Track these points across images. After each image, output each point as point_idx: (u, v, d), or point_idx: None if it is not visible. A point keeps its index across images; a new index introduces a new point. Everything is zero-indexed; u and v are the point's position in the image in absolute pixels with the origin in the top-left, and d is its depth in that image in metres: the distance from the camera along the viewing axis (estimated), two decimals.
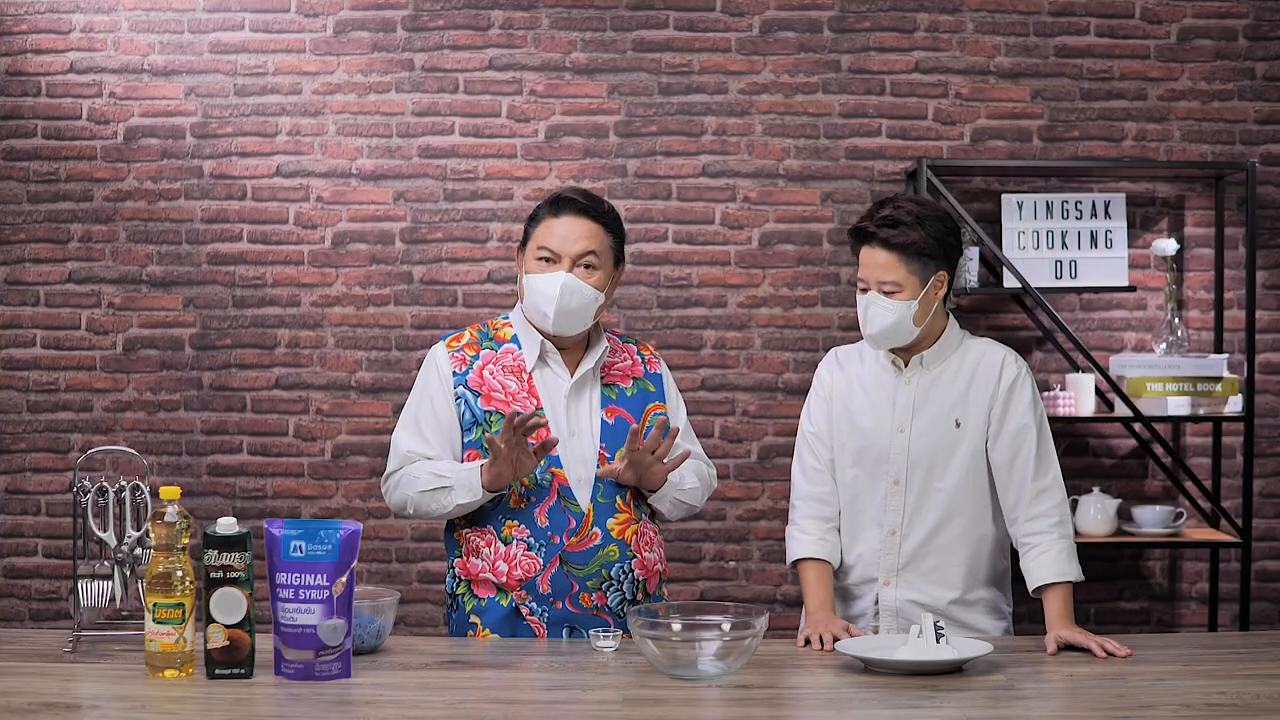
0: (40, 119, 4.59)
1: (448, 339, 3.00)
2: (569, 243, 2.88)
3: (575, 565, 2.84)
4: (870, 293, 2.84)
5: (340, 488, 4.61)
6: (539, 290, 2.87)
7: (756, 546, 4.61)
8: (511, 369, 2.93)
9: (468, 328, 3.04)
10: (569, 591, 2.84)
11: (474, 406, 2.90)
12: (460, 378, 2.92)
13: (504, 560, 2.86)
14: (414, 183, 4.59)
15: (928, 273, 2.83)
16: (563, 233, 2.88)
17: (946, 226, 2.85)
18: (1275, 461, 4.65)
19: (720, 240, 4.61)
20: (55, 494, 4.61)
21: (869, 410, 2.93)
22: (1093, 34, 4.60)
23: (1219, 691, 2.33)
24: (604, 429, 2.92)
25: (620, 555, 2.88)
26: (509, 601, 2.86)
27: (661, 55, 4.59)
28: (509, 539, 2.86)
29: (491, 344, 2.96)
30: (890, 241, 2.80)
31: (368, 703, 2.28)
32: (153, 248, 4.60)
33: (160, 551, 2.41)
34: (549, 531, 2.85)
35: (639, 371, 3.01)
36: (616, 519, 2.88)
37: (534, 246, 2.91)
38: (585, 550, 2.85)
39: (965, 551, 2.89)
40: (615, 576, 2.87)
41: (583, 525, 2.85)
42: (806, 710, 2.35)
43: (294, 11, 4.57)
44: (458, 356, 2.95)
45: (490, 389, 2.90)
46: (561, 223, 2.89)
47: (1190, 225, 4.61)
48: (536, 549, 2.85)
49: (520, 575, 2.85)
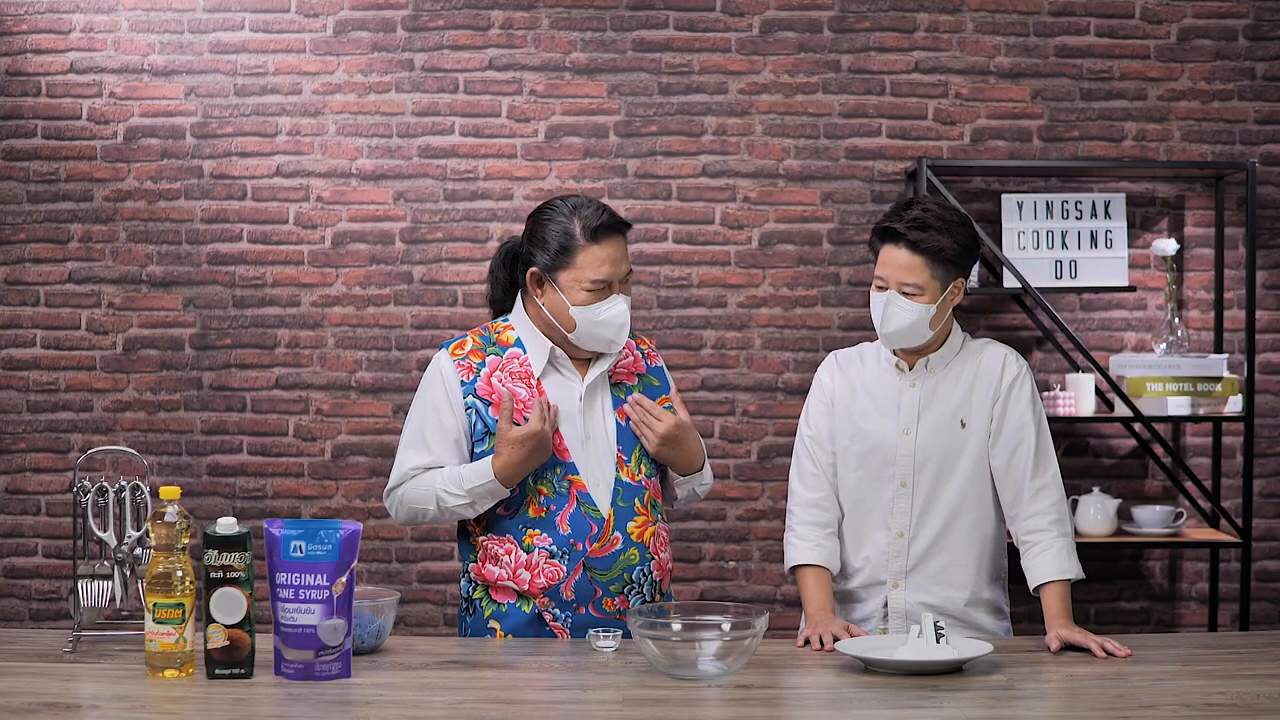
0: (40, 119, 4.59)
1: (450, 347, 2.91)
2: (618, 267, 2.82)
3: (598, 571, 2.82)
4: (889, 291, 2.83)
5: (340, 488, 4.61)
6: (603, 321, 2.81)
7: (756, 546, 4.62)
8: (519, 375, 2.87)
9: (468, 333, 2.95)
10: (592, 597, 2.82)
11: (485, 416, 2.85)
12: (469, 387, 2.86)
13: (525, 568, 2.82)
14: (414, 183, 4.59)
15: (949, 278, 2.83)
16: (612, 256, 2.81)
17: (970, 234, 2.86)
18: (1275, 461, 4.65)
19: (720, 240, 4.61)
20: (55, 494, 4.61)
21: (873, 413, 2.93)
22: (1093, 34, 4.60)
23: (1219, 691, 2.33)
24: (619, 431, 2.88)
25: (640, 558, 2.86)
26: (531, 608, 2.83)
27: (661, 55, 4.59)
28: (530, 547, 2.82)
29: (496, 349, 2.90)
30: (919, 245, 2.79)
31: (368, 703, 2.28)
32: (153, 248, 4.60)
33: (160, 551, 2.41)
34: (571, 539, 2.82)
35: (641, 368, 2.97)
36: (636, 521, 2.86)
37: (579, 278, 2.80)
38: (608, 555, 2.83)
39: (973, 551, 2.90)
40: (636, 579, 2.86)
41: (604, 530, 2.83)
42: (806, 710, 2.35)
43: (294, 11, 4.57)
44: (464, 365, 2.87)
45: (501, 398, 2.84)
46: (605, 249, 2.80)
47: (1190, 225, 4.61)
48: (559, 556, 2.81)
49: (543, 583, 2.81)
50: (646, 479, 2.89)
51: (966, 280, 2.89)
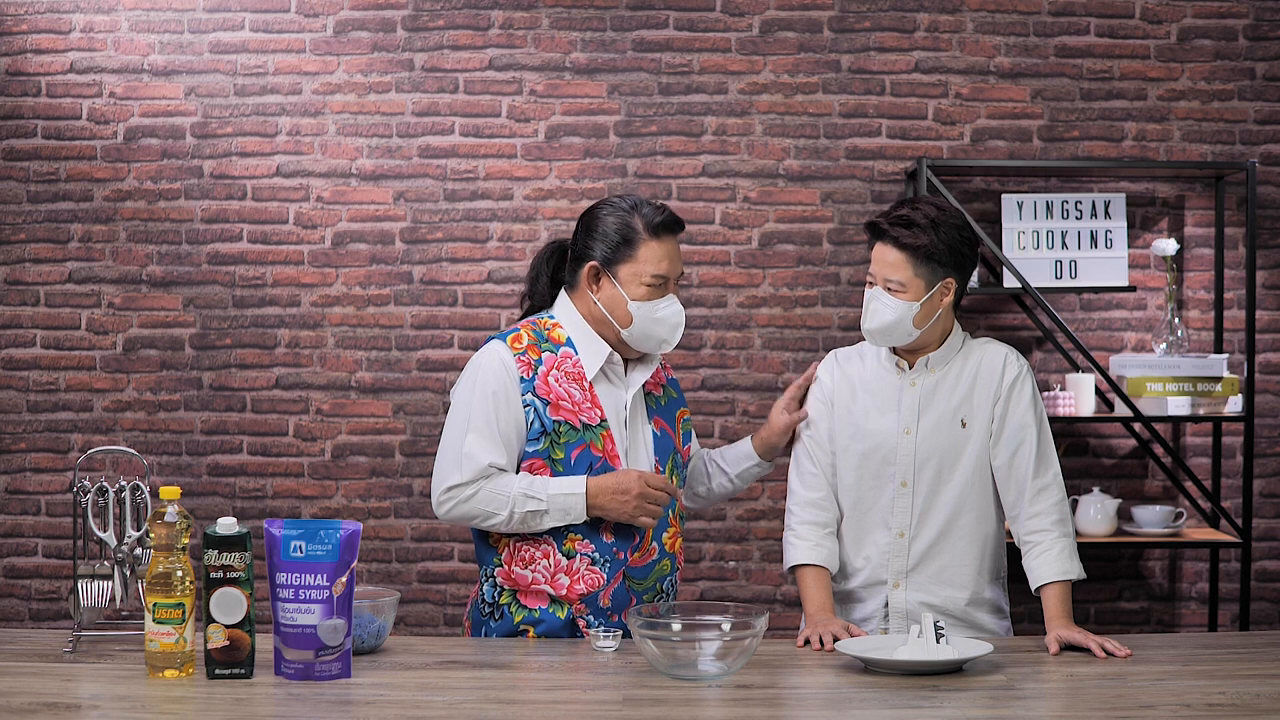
0: (40, 119, 4.59)
1: (507, 339, 2.83)
2: (675, 264, 2.84)
3: (636, 580, 2.84)
4: (876, 287, 2.85)
5: (340, 488, 4.61)
6: (660, 319, 2.81)
7: (756, 546, 4.62)
8: (573, 375, 2.83)
9: (520, 327, 2.87)
10: (626, 605, 2.83)
11: (543, 415, 2.79)
12: (528, 384, 2.79)
13: (565, 574, 2.80)
14: (414, 183, 4.59)
15: (935, 278, 2.83)
16: (671, 254, 2.83)
17: (962, 235, 2.85)
18: (1275, 461, 4.65)
19: (720, 240, 4.61)
20: (55, 494, 4.61)
21: (873, 412, 2.93)
22: (1093, 34, 4.60)
23: (1219, 691, 2.34)
24: (655, 441, 2.91)
25: (671, 568, 2.91)
26: (566, 613, 2.81)
27: (661, 55, 4.59)
28: (572, 553, 2.80)
29: (550, 345, 2.85)
30: (900, 241, 2.81)
31: (368, 703, 2.28)
32: (153, 248, 4.60)
33: (160, 551, 2.41)
34: (614, 547, 2.81)
35: (663, 378, 3.00)
36: (669, 532, 2.89)
37: (639, 272, 2.80)
38: (646, 565, 2.85)
39: (974, 551, 2.90)
40: (666, 589, 2.90)
41: (644, 540, 2.85)
42: (806, 710, 2.35)
43: (294, 11, 4.57)
44: (523, 360, 2.80)
45: (558, 398, 2.80)
46: (665, 245, 2.82)
47: (1190, 225, 4.61)
48: (601, 564, 2.81)
49: (583, 590, 2.80)
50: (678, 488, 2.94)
51: (962, 282, 2.88)
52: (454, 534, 4.60)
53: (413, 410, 4.60)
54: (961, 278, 2.87)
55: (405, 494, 4.60)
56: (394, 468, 4.60)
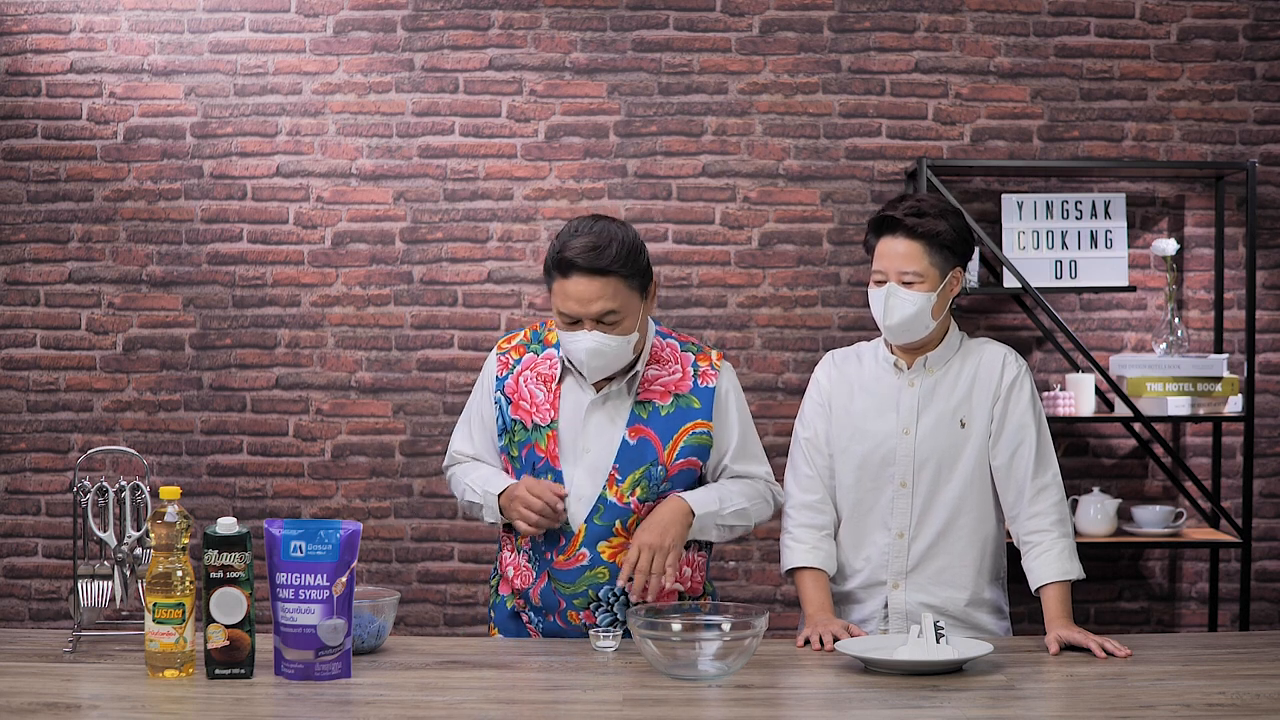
0: (40, 119, 4.59)
1: (503, 339, 2.98)
2: (586, 304, 2.71)
3: (562, 583, 2.82)
4: (889, 284, 2.83)
5: (340, 488, 4.61)
6: (568, 351, 2.80)
7: (756, 546, 4.61)
8: (545, 377, 2.88)
9: (530, 327, 2.98)
10: (556, 607, 2.83)
11: (505, 413, 2.89)
12: (500, 382, 2.90)
13: (512, 567, 2.90)
14: (414, 183, 4.59)
15: (947, 266, 2.84)
16: (577, 294, 2.71)
17: (964, 224, 2.89)
18: (1275, 461, 4.65)
19: (720, 240, 4.61)
20: (55, 494, 4.61)
21: (873, 413, 2.92)
22: (1093, 34, 4.60)
23: (1219, 691, 2.34)
24: (622, 448, 2.82)
25: (610, 578, 2.80)
26: (511, 605, 2.91)
27: (661, 55, 4.59)
28: (519, 548, 2.89)
29: (539, 347, 2.92)
30: (916, 230, 2.80)
31: (368, 703, 2.28)
32: (153, 248, 4.60)
33: (160, 551, 2.41)
34: (542, 548, 2.83)
35: (685, 386, 2.86)
36: (610, 543, 2.80)
37: (555, 303, 2.77)
38: (572, 570, 2.81)
39: (973, 551, 2.89)
40: (604, 599, 2.81)
41: (570, 544, 2.81)
42: (806, 710, 2.35)
43: (294, 11, 4.57)
44: (503, 360, 2.92)
45: (520, 397, 2.87)
46: (573, 284, 2.71)
47: (1190, 225, 4.61)
48: (532, 561, 2.85)
49: (519, 584, 2.87)
50: (638, 502, 2.81)
51: (964, 273, 2.90)
52: (454, 534, 4.61)
53: (413, 410, 4.60)
54: (965, 269, 2.89)
55: (405, 494, 4.60)
56: (394, 468, 4.60)
